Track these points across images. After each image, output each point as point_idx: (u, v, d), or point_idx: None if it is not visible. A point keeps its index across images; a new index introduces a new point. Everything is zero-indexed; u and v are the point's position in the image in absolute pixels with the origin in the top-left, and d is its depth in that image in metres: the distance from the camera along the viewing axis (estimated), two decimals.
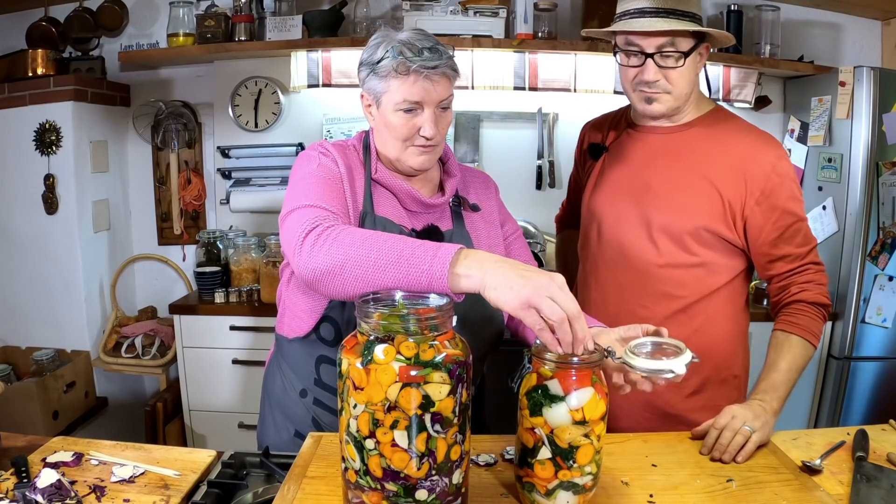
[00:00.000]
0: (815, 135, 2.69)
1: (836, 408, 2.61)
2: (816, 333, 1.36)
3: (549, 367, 0.93)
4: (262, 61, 2.88)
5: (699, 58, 1.40)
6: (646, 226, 1.43)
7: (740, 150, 1.39)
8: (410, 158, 1.26)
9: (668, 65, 1.36)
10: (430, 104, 1.21)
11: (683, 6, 1.34)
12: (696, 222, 1.39)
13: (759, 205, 1.37)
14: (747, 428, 1.16)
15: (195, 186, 3.02)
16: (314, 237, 1.05)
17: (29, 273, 2.79)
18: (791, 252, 1.38)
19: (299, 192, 1.18)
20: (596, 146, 1.59)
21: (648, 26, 1.33)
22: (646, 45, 1.36)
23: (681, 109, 1.44)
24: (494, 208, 1.43)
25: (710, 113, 1.46)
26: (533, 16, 2.62)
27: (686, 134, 1.45)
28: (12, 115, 2.69)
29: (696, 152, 1.42)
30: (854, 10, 2.90)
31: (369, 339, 0.86)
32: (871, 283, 2.53)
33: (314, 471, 1.07)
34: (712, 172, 1.39)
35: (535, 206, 2.94)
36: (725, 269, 1.43)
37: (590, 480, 0.94)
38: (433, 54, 1.18)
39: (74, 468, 1.12)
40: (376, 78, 1.21)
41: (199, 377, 2.68)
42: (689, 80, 1.39)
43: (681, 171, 1.42)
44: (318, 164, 1.24)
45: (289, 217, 1.15)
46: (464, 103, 2.91)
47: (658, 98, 1.40)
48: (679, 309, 1.43)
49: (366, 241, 1.00)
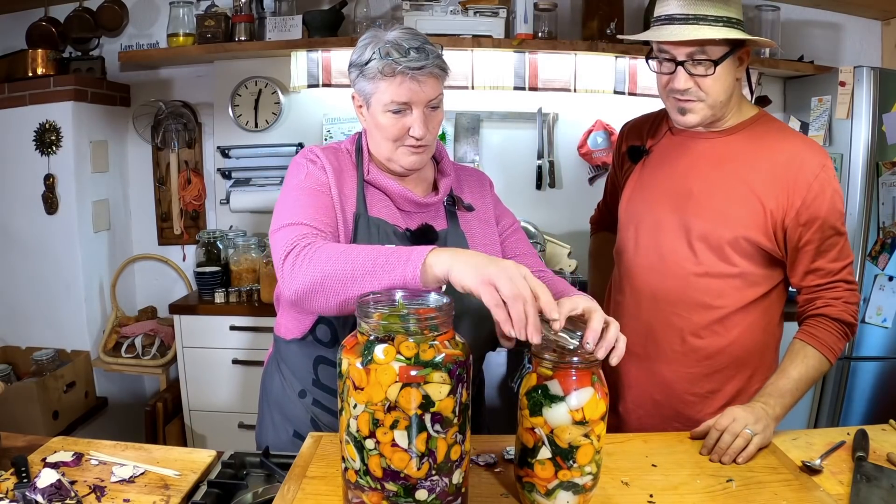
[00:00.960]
0: (815, 135, 2.68)
1: (836, 408, 2.61)
2: (835, 350, 1.32)
3: (548, 367, 0.93)
4: (262, 61, 2.88)
5: (739, 63, 1.35)
6: (685, 233, 1.40)
7: (784, 158, 1.33)
8: (402, 158, 1.26)
9: (699, 72, 1.31)
10: (418, 104, 1.21)
11: (714, 11, 1.28)
12: (737, 231, 1.35)
13: (799, 214, 1.32)
14: (748, 431, 1.15)
15: (195, 186, 3.02)
16: (293, 259, 1.08)
17: (29, 273, 2.79)
18: (823, 266, 1.33)
19: (284, 209, 1.20)
20: (636, 149, 1.54)
21: (676, 35, 1.29)
22: (676, 52, 1.32)
23: (718, 116, 1.38)
24: (490, 206, 1.42)
25: (753, 118, 1.41)
26: (533, 16, 2.61)
27: (728, 140, 1.40)
28: (12, 115, 2.69)
29: (738, 159, 1.37)
30: (854, 10, 2.90)
31: (369, 339, 0.86)
32: (871, 283, 2.53)
33: (314, 471, 1.07)
34: (754, 180, 1.34)
35: (535, 206, 2.94)
36: (764, 281, 1.39)
37: (590, 480, 0.94)
38: (419, 54, 1.18)
39: (74, 468, 1.12)
40: (365, 79, 1.22)
41: (199, 377, 2.68)
42: (725, 87, 1.33)
43: (722, 178, 1.37)
44: (305, 175, 1.26)
45: (274, 237, 1.18)
46: (464, 103, 2.92)
47: (692, 108, 1.36)
48: (715, 319, 1.40)
49: (341, 255, 1.03)
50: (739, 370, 1.42)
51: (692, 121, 1.38)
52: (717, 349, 1.41)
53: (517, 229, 1.44)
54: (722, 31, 1.29)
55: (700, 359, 1.42)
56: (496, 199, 1.46)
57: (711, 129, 1.42)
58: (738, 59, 1.35)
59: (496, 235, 1.39)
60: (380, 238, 1.24)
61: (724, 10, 1.29)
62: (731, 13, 1.30)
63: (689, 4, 1.30)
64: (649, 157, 1.52)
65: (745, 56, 1.36)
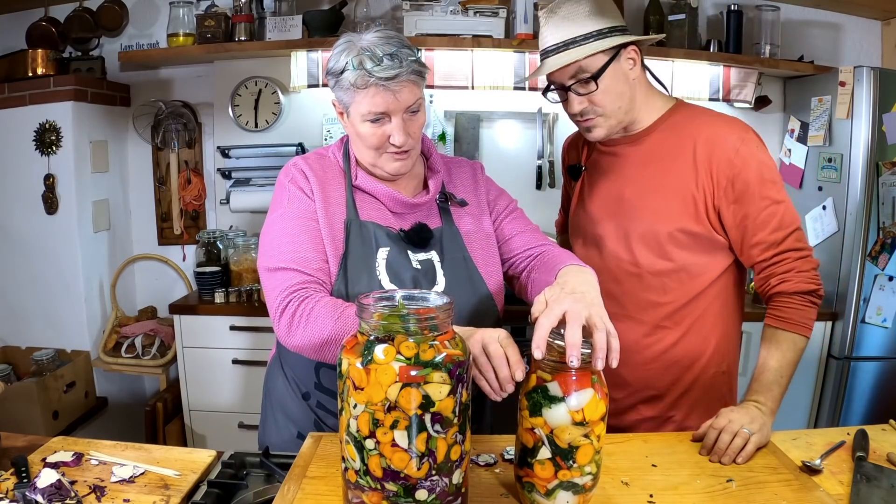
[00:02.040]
0: (815, 135, 2.69)
1: (836, 408, 2.61)
2: (805, 323, 1.31)
3: (548, 368, 0.93)
4: (262, 61, 2.88)
5: (632, 63, 1.37)
6: (623, 237, 1.43)
7: (702, 141, 1.35)
8: (386, 165, 1.27)
9: (586, 91, 1.35)
10: (396, 112, 1.19)
11: (580, 30, 1.32)
12: (672, 225, 1.37)
13: (726, 193, 1.33)
14: (746, 430, 1.15)
15: (195, 186, 3.03)
16: (288, 319, 1.14)
17: (29, 273, 2.79)
18: (764, 239, 1.33)
19: (273, 243, 1.23)
20: (574, 167, 1.58)
21: (551, 67, 1.34)
22: (560, 79, 1.37)
23: (627, 122, 1.42)
24: (482, 196, 1.41)
25: (669, 112, 1.43)
26: (533, 16, 2.61)
27: (649, 139, 1.43)
28: (12, 115, 2.69)
29: (660, 155, 1.40)
30: (854, 10, 2.90)
31: (369, 339, 0.86)
32: (871, 283, 2.53)
33: (314, 471, 1.07)
34: (679, 171, 1.37)
35: (535, 206, 2.89)
36: (709, 269, 1.40)
37: (590, 480, 0.94)
38: (393, 61, 1.15)
39: (74, 468, 1.12)
40: (341, 89, 1.21)
41: (199, 377, 2.68)
42: (617, 94, 1.36)
43: (649, 177, 1.41)
44: (288, 199, 1.27)
45: (265, 278, 1.22)
46: (464, 103, 2.92)
47: (594, 124, 1.39)
48: (666, 315, 1.42)
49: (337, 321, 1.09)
50: (698, 359, 1.44)
51: (599, 135, 1.42)
52: (671, 343, 1.43)
53: (514, 209, 1.43)
54: (590, 46, 1.32)
55: (656, 355, 1.44)
56: (489, 184, 1.45)
57: (630, 134, 1.45)
58: (630, 59, 1.36)
59: (491, 228, 1.39)
60: (374, 242, 1.25)
61: (590, 24, 1.33)
62: (600, 24, 1.33)
63: (555, 33, 1.35)
64: (586, 173, 1.55)
65: (634, 54, 1.37)
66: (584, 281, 1.08)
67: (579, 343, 0.91)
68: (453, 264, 1.29)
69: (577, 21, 1.33)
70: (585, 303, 0.98)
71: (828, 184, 2.63)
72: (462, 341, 0.89)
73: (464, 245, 1.32)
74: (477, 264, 1.32)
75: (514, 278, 1.38)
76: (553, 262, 1.24)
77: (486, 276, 1.32)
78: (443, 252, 1.30)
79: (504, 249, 1.39)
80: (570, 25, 1.33)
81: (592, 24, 1.33)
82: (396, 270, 1.24)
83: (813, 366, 2.65)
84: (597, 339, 0.93)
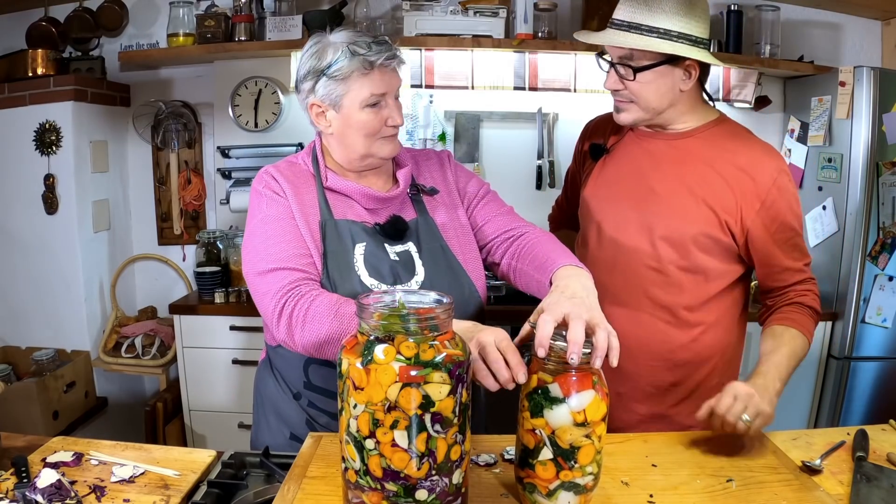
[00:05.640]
0: (815, 135, 2.69)
1: (836, 408, 2.61)
2: (811, 333, 1.38)
3: (549, 370, 0.93)
4: (262, 61, 2.88)
5: (686, 76, 1.36)
6: (647, 231, 1.42)
7: (742, 161, 1.37)
8: (381, 150, 1.29)
9: (627, 76, 1.36)
10: (391, 93, 1.26)
11: (651, 21, 1.31)
12: (698, 229, 1.39)
13: (759, 216, 1.36)
14: (745, 417, 1.14)
15: (195, 186, 3.02)
16: (287, 318, 1.14)
17: (29, 273, 2.79)
18: (790, 266, 1.40)
19: (257, 248, 1.24)
20: (597, 147, 1.58)
21: (607, 40, 1.36)
22: (612, 54, 1.39)
23: (658, 121, 1.43)
24: (452, 184, 1.42)
25: (713, 122, 1.44)
26: (533, 16, 2.62)
27: (688, 141, 1.43)
28: (12, 115, 2.69)
29: (698, 160, 1.41)
30: (854, 10, 2.90)
31: (369, 339, 0.86)
32: (871, 283, 2.53)
33: (314, 471, 1.07)
34: (714, 181, 1.38)
35: (535, 206, 2.91)
36: (724, 275, 1.42)
37: (591, 480, 0.94)
38: (381, 46, 1.23)
39: (74, 468, 1.12)
40: (333, 82, 1.23)
41: (199, 377, 2.68)
42: (658, 94, 1.37)
43: (683, 177, 1.41)
44: (266, 204, 1.28)
45: (255, 282, 1.22)
46: (464, 103, 2.92)
47: (624, 108, 1.41)
48: (677, 314, 1.43)
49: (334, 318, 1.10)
50: (701, 364, 1.45)
51: (625, 119, 1.43)
52: (679, 344, 1.44)
53: (485, 192, 1.44)
54: (648, 41, 1.31)
55: (663, 353, 1.44)
56: (457, 171, 1.45)
57: (669, 131, 1.45)
58: (686, 72, 1.36)
59: (465, 219, 1.40)
60: (351, 239, 1.26)
61: (664, 20, 1.31)
62: (674, 25, 1.31)
63: (628, 12, 1.34)
64: (609, 155, 1.55)
65: (693, 69, 1.36)
66: (583, 287, 1.09)
67: (581, 340, 0.93)
68: (431, 254, 1.30)
69: (655, 10, 1.31)
70: (586, 307, 1.02)
71: (828, 184, 2.63)
72: (462, 341, 0.89)
73: (440, 235, 1.34)
74: (455, 253, 1.33)
75: (494, 265, 1.40)
76: (542, 257, 1.25)
77: (464, 264, 1.33)
78: (420, 242, 1.31)
79: (480, 236, 1.40)
80: (645, 11, 1.31)
81: (666, 21, 1.31)
82: (374, 264, 1.25)
83: (813, 366, 2.65)
84: (598, 337, 0.95)
